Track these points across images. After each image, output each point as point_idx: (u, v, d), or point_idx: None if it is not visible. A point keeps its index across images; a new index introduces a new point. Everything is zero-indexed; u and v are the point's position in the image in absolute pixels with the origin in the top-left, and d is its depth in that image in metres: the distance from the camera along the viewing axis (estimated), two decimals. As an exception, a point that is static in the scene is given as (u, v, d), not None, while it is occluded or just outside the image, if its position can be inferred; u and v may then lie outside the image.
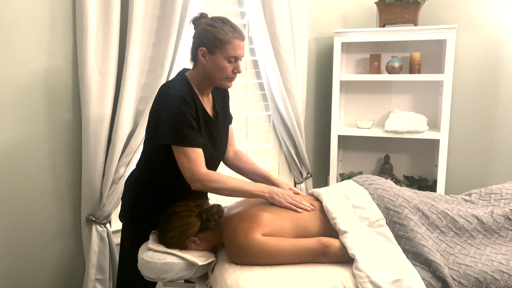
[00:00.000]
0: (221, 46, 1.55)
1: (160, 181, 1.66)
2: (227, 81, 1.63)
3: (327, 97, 3.08)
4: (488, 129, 2.93)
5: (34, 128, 1.87)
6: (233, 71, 1.61)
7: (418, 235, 1.54)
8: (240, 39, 1.58)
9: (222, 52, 1.56)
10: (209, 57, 1.58)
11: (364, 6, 3.19)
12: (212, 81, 1.63)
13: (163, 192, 1.65)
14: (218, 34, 1.55)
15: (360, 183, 1.79)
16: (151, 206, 1.66)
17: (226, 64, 1.58)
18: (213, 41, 1.55)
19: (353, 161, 3.24)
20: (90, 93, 1.89)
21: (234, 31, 1.57)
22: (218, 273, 1.47)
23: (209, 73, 1.61)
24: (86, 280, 2.02)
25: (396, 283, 1.36)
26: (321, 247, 1.48)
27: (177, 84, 1.60)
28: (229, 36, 1.55)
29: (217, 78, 1.61)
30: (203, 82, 1.64)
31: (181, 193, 1.64)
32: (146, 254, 1.52)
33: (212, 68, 1.59)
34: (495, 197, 1.82)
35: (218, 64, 1.57)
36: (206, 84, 1.65)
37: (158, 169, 1.66)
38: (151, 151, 1.66)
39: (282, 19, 2.58)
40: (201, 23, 1.60)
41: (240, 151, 1.93)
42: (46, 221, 1.97)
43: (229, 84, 1.64)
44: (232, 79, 1.63)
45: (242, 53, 1.59)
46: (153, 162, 1.67)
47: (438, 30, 2.65)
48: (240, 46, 1.58)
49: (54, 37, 1.87)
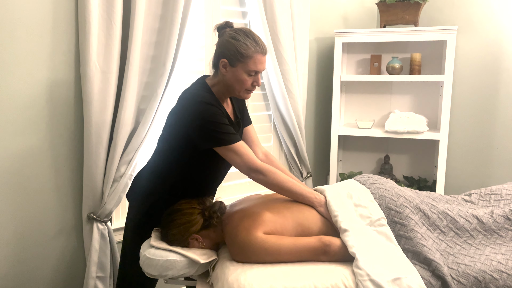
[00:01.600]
0: (242, 60, 1.56)
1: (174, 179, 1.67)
2: (246, 93, 1.65)
3: (327, 97, 3.09)
4: (488, 130, 2.94)
5: (37, 127, 1.88)
6: (252, 84, 1.62)
7: (418, 234, 1.55)
8: (262, 53, 1.58)
9: (243, 66, 1.57)
10: (230, 69, 1.59)
11: (365, 7, 3.20)
12: (231, 92, 1.65)
13: (178, 190, 1.66)
14: (240, 48, 1.55)
15: (362, 182, 1.80)
16: (163, 204, 1.65)
17: (246, 77, 1.59)
18: (235, 54, 1.56)
19: (353, 161, 3.25)
20: (92, 91, 1.89)
21: (257, 46, 1.57)
22: (220, 271, 1.47)
23: (229, 84, 1.62)
24: (87, 278, 2.03)
25: (396, 282, 1.37)
26: (322, 246, 1.49)
27: (199, 92, 1.61)
28: (251, 51, 1.56)
29: (236, 89, 1.62)
30: (222, 90, 1.66)
31: (197, 191, 1.66)
32: (148, 251, 1.53)
33: (231, 80, 1.60)
34: (495, 198, 1.83)
35: (238, 77, 1.59)
36: (225, 93, 1.67)
37: (173, 167, 1.66)
38: (168, 149, 1.67)
39: (283, 19, 2.58)
40: (225, 33, 1.61)
41: (269, 152, 1.94)
42: (47, 219, 1.97)
43: (247, 96, 1.67)
44: (250, 91, 1.65)
45: (263, 67, 1.60)
46: (169, 160, 1.67)
47: (439, 31, 2.66)
48: (261, 61, 1.59)
49: (57, 36, 1.87)
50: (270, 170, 1.59)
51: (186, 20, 2.11)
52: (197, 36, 2.35)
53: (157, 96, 2.06)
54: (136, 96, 2.03)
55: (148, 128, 2.08)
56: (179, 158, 1.63)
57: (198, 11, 2.34)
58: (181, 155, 1.63)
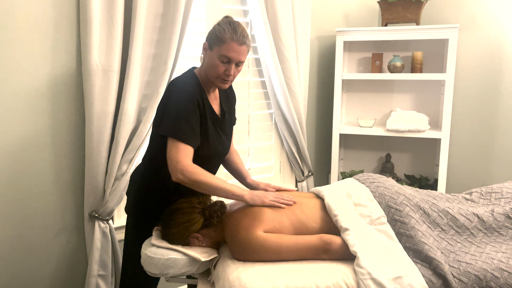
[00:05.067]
0: (217, 44, 1.59)
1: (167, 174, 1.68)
2: (219, 81, 1.64)
3: (329, 96, 3.09)
4: (489, 129, 2.93)
5: (38, 125, 1.89)
6: (225, 72, 1.61)
7: (419, 232, 1.55)
8: (237, 42, 1.57)
9: (217, 50, 1.59)
10: (208, 53, 1.63)
11: (366, 5, 3.19)
12: (209, 78, 1.65)
13: (171, 185, 1.67)
14: (218, 33, 1.59)
15: (361, 181, 1.80)
16: (158, 199, 1.67)
17: (219, 63, 1.59)
18: (213, 37, 1.60)
19: (355, 160, 3.25)
20: (94, 90, 1.90)
21: (233, 33, 1.57)
22: (221, 269, 1.48)
23: (206, 69, 1.65)
24: (89, 276, 2.04)
25: (397, 280, 1.37)
26: (323, 244, 1.50)
27: (186, 79, 1.64)
28: (226, 36, 1.57)
29: (210, 75, 1.63)
30: (206, 78, 1.67)
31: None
32: (149, 250, 1.53)
33: (208, 64, 1.63)
34: (495, 196, 1.83)
35: (212, 61, 1.60)
36: (207, 81, 1.68)
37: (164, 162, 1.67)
38: (158, 145, 1.68)
39: (285, 17, 2.58)
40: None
41: (235, 150, 1.97)
42: (49, 218, 1.98)
43: (222, 85, 1.65)
44: (225, 81, 1.63)
45: (236, 56, 1.58)
46: (160, 155, 1.68)
47: (440, 29, 2.66)
48: (235, 49, 1.57)
49: (59, 35, 1.88)
50: (196, 171, 1.53)
51: (187, 19, 2.11)
52: (198, 35, 2.35)
53: (158, 94, 2.06)
54: (137, 94, 2.03)
55: (150, 126, 2.08)
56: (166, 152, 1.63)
57: (199, 9, 2.34)
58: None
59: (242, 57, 1.61)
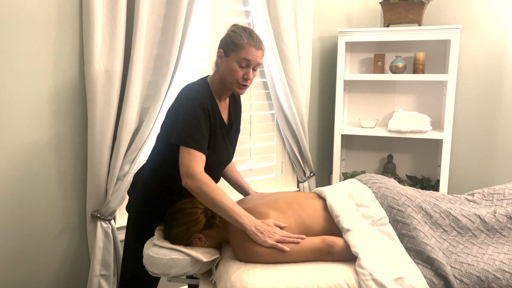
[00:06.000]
0: (234, 49, 1.61)
1: (172, 177, 1.68)
2: (238, 87, 1.66)
3: (331, 96, 3.09)
4: (492, 130, 2.93)
5: (40, 126, 1.89)
6: (243, 77, 1.63)
7: (421, 233, 1.55)
8: (255, 47, 1.62)
9: (235, 55, 1.61)
10: (224, 59, 1.64)
11: (368, 6, 3.19)
12: (226, 85, 1.67)
13: (175, 188, 1.67)
14: (235, 39, 1.61)
15: (363, 182, 1.80)
16: (161, 201, 1.67)
17: (237, 68, 1.61)
18: (229, 44, 1.62)
19: (356, 161, 3.25)
20: (96, 90, 1.90)
21: (250, 38, 1.61)
22: (223, 270, 1.48)
23: (223, 76, 1.65)
24: (91, 276, 2.04)
25: (398, 281, 1.37)
26: (326, 247, 1.50)
27: (198, 88, 1.65)
28: (244, 42, 1.60)
29: (228, 81, 1.65)
30: (219, 86, 1.69)
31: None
32: (152, 250, 1.53)
33: (225, 71, 1.64)
34: (498, 197, 1.83)
35: (230, 66, 1.62)
36: (222, 88, 1.69)
37: (170, 165, 1.67)
38: (165, 148, 1.68)
39: (287, 18, 2.58)
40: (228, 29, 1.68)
41: (233, 165, 1.99)
42: (51, 218, 1.98)
43: (240, 91, 1.67)
44: (243, 86, 1.66)
45: (254, 59, 1.62)
46: (166, 158, 1.68)
47: (443, 30, 2.65)
48: (253, 53, 1.61)
49: (61, 35, 1.88)
50: (205, 181, 1.52)
51: (189, 19, 2.12)
52: (201, 35, 2.36)
53: (160, 95, 2.07)
54: (139, 95, 2.03)
55: (152, 127, 2.09)
56: (176, 157, 1.63)
57: (202, 10, 2.34)
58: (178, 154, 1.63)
59: (259, 60, 1.65)
